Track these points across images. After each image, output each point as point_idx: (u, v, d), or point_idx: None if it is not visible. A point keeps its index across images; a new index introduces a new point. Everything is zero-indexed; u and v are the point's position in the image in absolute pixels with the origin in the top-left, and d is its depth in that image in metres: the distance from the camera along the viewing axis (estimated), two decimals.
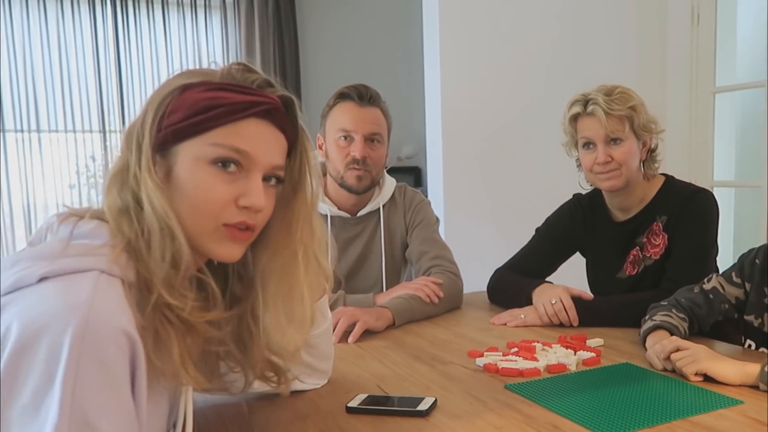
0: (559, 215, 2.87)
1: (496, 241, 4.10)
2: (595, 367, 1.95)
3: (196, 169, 1.26)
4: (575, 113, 2.52)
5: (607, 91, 2.46)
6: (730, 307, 2.17)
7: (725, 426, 1.47)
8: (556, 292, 2.47)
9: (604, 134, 2.45)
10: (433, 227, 2.91)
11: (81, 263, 1.13)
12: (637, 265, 2.58)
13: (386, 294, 2.64)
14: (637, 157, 2.51)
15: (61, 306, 1.05)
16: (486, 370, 1.93)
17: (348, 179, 2.70)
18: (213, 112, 1.25)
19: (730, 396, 1.64)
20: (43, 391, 1.01)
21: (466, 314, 2.70)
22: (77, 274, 1.12)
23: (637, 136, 2.49)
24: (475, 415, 1.58)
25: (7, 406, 1.01)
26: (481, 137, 4.43)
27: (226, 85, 1.29)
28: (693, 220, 2.47)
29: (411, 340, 2.31)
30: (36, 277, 1.10)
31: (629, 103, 2.45)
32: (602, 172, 2.50)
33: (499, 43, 4.42)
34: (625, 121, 2.44)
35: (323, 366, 1.80)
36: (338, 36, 6.88)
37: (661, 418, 1.52)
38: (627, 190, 2.55)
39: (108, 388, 1.06)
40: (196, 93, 1.26)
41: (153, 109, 1.25)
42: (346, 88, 2.72)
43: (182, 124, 1.25)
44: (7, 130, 5.71)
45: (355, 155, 2.66)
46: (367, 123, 2.69)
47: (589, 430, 1.46)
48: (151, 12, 6.16)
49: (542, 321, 2.45)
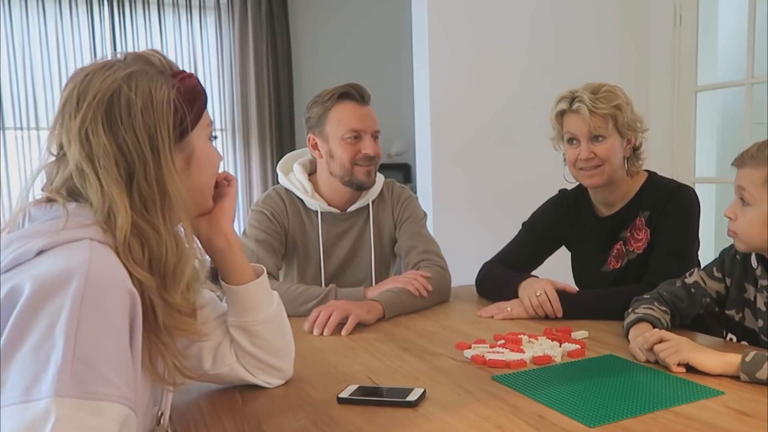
0: (544, 210, 2.87)
1: (482, 236, 4.09)
2: (579, 358, 1.95)
3: (207, 147, 1.46)
4: (561, 109, 2.53)
5: (594, 90, 2.47)
6: (711, 301, 2.18)
7: (706, 416, 1.47)
8: (541, 285, 2.47)
9: (588, 131, 2.46)
10: (421, 222, 2.92)
11: (75, 234, 1.19)
12: (621, 259, 2.59)
13: (376, 287, 2.64)
14: (620, 155, 2.51)
15: (64, 265, 1.11)
16: (473, 361, 1.92)
17: (358, 175, 2.71)
18: (200, 98, 1.41)
19: (711, 387, 1.64)
20: (48, 336, 1.05)
21: (454, 307, 2.70)
22: (73, 242, 1.18)
23: (621, 134, 2.49)
24: (462, 406, 1.58)
25: (14, 350, 1.04)
26: (468, 135, 4.44)
27: (180, 74, 1.39)
28: (674, 215, 2.48)
29: (401, 332, 2.30)
30: (34, 252, 1.15)
31: (614, 102, 2.45)
32: (585, 168, 2.51)
33: (486, 45, 4.42)
34: (608, 120, 2.45)
35: (273, 362, 1.73)
36: (329, 38, 6.87)
37: (644, 408, 1.52)
38: (610, 186, 2.56)
39: (108, 335, 1.10)
40: (179, 87, 1.35)
41: (151, 112, 1.28)
42: (343, 87, 2.71)
43: (192, 115, 1.37)
44: (6, 127, 5.68)
45: (368, 152, 2.68)
46: (372, 121, 2.72)
47: (574, 420, 1.46)
48: (147, 12, 6.12)
49: (528, 313, 2.45)
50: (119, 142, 1.25)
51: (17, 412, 1.00)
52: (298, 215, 2.81)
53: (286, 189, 2.82)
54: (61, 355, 1.03)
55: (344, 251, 2.86)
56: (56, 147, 1.31)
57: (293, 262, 2.85)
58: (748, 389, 1.63)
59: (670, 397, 1.58)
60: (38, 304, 1.06)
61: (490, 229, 4.09)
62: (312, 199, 2.76)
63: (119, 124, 1.25)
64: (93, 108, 1.25)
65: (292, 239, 2.81)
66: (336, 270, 2.86)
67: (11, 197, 5.66)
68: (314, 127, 2.75)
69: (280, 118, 6.61)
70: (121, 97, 1.26)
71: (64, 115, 1.29)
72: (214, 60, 6.42)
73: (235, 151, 6.51)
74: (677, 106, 4.58)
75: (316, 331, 2.27)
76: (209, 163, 1.46)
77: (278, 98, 6.59)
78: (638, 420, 1.46)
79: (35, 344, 1.04)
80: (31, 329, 1.05)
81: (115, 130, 1.25)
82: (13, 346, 1.04)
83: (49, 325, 1.05)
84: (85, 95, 1.27)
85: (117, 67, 1.31)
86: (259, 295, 1.68)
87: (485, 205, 4.49)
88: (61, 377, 1.02)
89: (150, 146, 1.26)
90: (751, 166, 1.87)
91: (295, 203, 2.81)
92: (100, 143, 1.24)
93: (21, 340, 1.04)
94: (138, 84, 1.28)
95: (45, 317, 1.05)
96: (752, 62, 4.16)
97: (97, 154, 1.24)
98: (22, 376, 1.02)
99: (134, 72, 1.30)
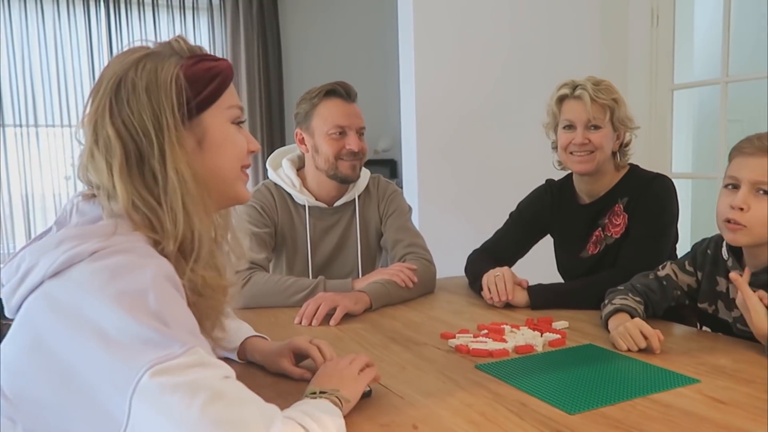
0: (530, 200, 2.89)
1: (466, 229, 4.10)
2: (560, 348, 1.94)
3: (227, 129, 1.37)
4: (563, 94, 2.55)
5: (596, 81, 2.52)
6: (682, 293, 2.17)
7: (682, 403, 1.47)
8: (501, 269, 2.51)
9: (586, 118, 2.49)
10: (406, 216, 2.92)
11: (128, 240, 1.20)
12: (599, 244, 2.60)
13: (364, 279, 2.64)
14: (610, 146, 2.54)
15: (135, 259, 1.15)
16: (458, 350, 1.92)
17: (343, 170, 2.71)
18: (218, 80, 1.34)
19: (687, 375, 1.64)
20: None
21: (439, 298, 2.70)
22: (124, 245, 1.18)
23: (614, 128, 2.52)
24: (447, 393, 1.57)
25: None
26: (452, 131, 4.44)
27: (201, 56, 1.34)
28: (650, 203, 2.49)
29: (387, 322, 2.30)
30: (89, 252, 1.14)
31: (613, 95, 2.50)
32: (576, 153, 2.52)
33: (469, 45, 4.42)
34: (606, 110, 2.48)
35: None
36: (318, 38, 6.87)
37: (622, 395, 1.52)
38: (596, 176, 2.58)
39: (182, 305, 1.17)
40: (191, 66, 1.30)
41: (155, 90, 1.26)
42: (330, 85, 2.71)
43: (204, 94, 1.32)
44: (6, 124, 5.69)
45: (352, 148, 2.68)
46: (357, 118, 2.72)
47: (555, 408, 1.46)
48: (142, 13, 6.13)
49: (484, 289, 2.49)
50: (126, 124, 1.23)
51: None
52: (286, 209, 2.80)
53: (275, 184, 2.81)
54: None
55: (331, 244, 2.85)
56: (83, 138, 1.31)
57: (282, 255, 2.85)
58: (724, 377, 1.63)
59: (647, 385, 1.58)
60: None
61: (473, 222, 4.09)
62: (300, 193, 2.76)
63: (125, 106, 1.24)
64: (104, 95, 1.25)
65: (281, 233, 2.80)
66: (324, 263, 2.86)
67: (11, 193, 5.67)
68: (301, 123, 2.75)
69: (270, 115, 6.64)
70: (128, 80, 1.25)
71: (85, 106, 1.29)
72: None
73: None
74: (654, 104, 4.58)
75: (305, 322, 2.27)
76: (228, 147, 1.37)
77: (269, 96, 6.62)
78: (617, 407, 1.45)
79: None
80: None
81: (122, 112, 1.24)
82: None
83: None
84: (100, 84, 1.27)
85: (133, 52, 1.30)
86: None
87: (469, 199, 4.49)
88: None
89: (154, 124, 1.24)
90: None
91: (283, 197, 2.80)
92: (107, 129, 1.23)
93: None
94: (146, 65, 1.26)
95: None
96: (727, 61, 4.17)
97: (105, 140, 1.23)
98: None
99: (147, 54, 1.29)
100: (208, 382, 1.05)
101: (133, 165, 1.24)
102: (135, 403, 1.01)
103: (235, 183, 1.41)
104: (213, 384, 1.05)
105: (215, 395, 1.03)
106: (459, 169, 4.48)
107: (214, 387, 1.05)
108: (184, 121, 1.28)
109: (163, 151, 1.24)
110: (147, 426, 1.01)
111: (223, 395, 1.05)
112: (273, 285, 2.55)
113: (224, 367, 1.12)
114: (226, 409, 1.03)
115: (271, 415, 1.11)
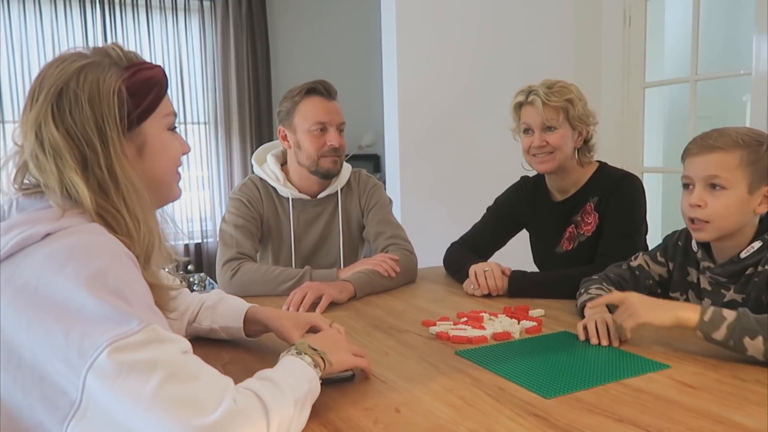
0: (506, 195, 2.89)
1: (445, 220, 4.10)
2: (536, 335, 1.94)
3: (164, 137, 1.38)
4: (519, 102, 2.57)
5: (549, 85, 2.51)
6: (654, 283, 2.18)
7: (654, 387, 1.47)
8: (489, 265, 2.50)
9: (541, 122, 2.49)
10: (388, 208, 2.92)
11: (78, 221, 1.19)
12: (573, 241, 2.60)
13: (348, 269, 2.63)
14: (570, 144, 2.54)
15: (86, 241, 1.15)
16: (438, 337, 1.91)
17: (325, 165, 2.71)
18: (155, 90, 1.34)
19: (658, 361, 1.64)
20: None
21: (420, 287, 2.69)
22: (77, 227, 1.17)
23: (572, 126, 2.52)
24: (428, 378, 1.57)
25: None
26: (433, 127, 4.46)
27: (138, 65, 1.33)
28: (621, 201, 2.50)
29: (371, 310, 2.29)
30: (41, 235, 1.13)
31: (566, 96, 2.49)
32: (537, 155, 2.54)
33: (448, 44, 4.44)
34: (560, 112, 2.49)
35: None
36: (305, 38, 6.88)
37: (596, 380, 1.51)
38: (562, 173, 2.59)
39: (140, 280, 1.18)
40: (130, 77, 1.29)
41: (98, 103, 1.25)
42: (310, 83, 2.71)
43: (144, 105, 1.31)
44: (6, 120, 5.72)
45: (333, 144, 2.68)
46: (337, 115, 2.72)
47: (531, 392, 1.45)
48: (136, 14, 6.14)
49: (471, 282, 2.49)
50: (70, 133, 1.22)
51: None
52: (271, 202, 2.80)
53: (260, 178, 2.81)
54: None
55: (315, 236, 2.85)
56: (20, 138, 1.29)
57: (268, 246, 2.84)
58: (694, 363, 1.63)
59: (620, 371, 1.58)
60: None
61: (452, 214, 4.10)
62: (284, 187, 2.76)
63: (68, 115, 1.22)
64: (46, 101, 1.23)
65: (267, 225, 2.80)
66: (308, 253, 2.86)
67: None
68: (284, 120, 2.76)
69: (259, 112, 6.65)
70: (69, 90, 1.23)
71: (24, 108, 1.27)
72: (198, 59, 6.45)
73: (218, 143, 6.56)
74: (627, 101, 4.59)
75: (292, 309, 2.24)
76: (165, 153, 1.38)
77: (257, 94, 6.63)
78: (591, 392, 1.45)
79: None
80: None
81: (65, 121, 1.22)
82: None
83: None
84: (40, 89, 1.25)
85: (72, 60, 1.28)
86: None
87: (448, 192, 4.51)
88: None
89: (98, 136, 1.23)
90: (722, 151, 1.82)
91: (268, 191, 2.80)
92: (52, 134, 1.21)
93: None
94: (87, 76, 1.25)
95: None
96: (696, 60, 4.18)
97: (51, 144, 1.21)
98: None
99: (87, 64, 1.27)
100: (165, 357, 1.05)
101: (87, 169, 1.24)
102: (89, 380, 1.01)
103: (171, 184, 1.44)
104: (169, 359, 1.05)
105: (170, 374, 1.03)
106: (438, 164, 4.50)
107: (169, 364, 1.05)
108: (125, 132, 1.28)
109: (109, 160, 1.24)
110: (100, 403, 1.01)
111: (176, 373, 1.04)
112: (261, 275, 2.55)
113: (182, 341, 1.12)
114: (178, 388, 1.03)
115: (223, 389, 1.09)
